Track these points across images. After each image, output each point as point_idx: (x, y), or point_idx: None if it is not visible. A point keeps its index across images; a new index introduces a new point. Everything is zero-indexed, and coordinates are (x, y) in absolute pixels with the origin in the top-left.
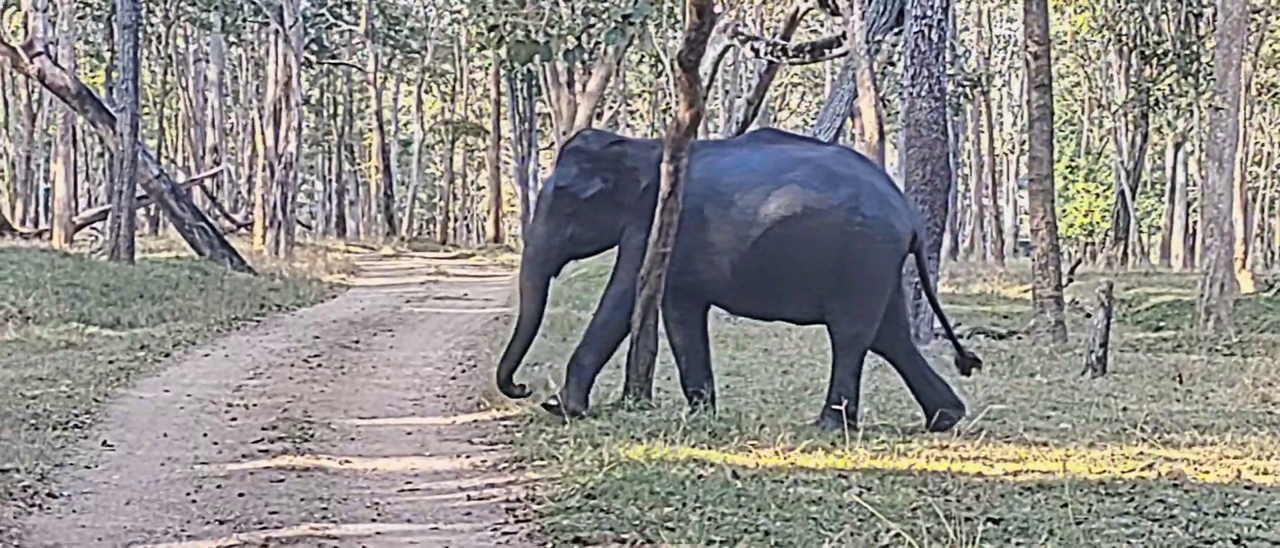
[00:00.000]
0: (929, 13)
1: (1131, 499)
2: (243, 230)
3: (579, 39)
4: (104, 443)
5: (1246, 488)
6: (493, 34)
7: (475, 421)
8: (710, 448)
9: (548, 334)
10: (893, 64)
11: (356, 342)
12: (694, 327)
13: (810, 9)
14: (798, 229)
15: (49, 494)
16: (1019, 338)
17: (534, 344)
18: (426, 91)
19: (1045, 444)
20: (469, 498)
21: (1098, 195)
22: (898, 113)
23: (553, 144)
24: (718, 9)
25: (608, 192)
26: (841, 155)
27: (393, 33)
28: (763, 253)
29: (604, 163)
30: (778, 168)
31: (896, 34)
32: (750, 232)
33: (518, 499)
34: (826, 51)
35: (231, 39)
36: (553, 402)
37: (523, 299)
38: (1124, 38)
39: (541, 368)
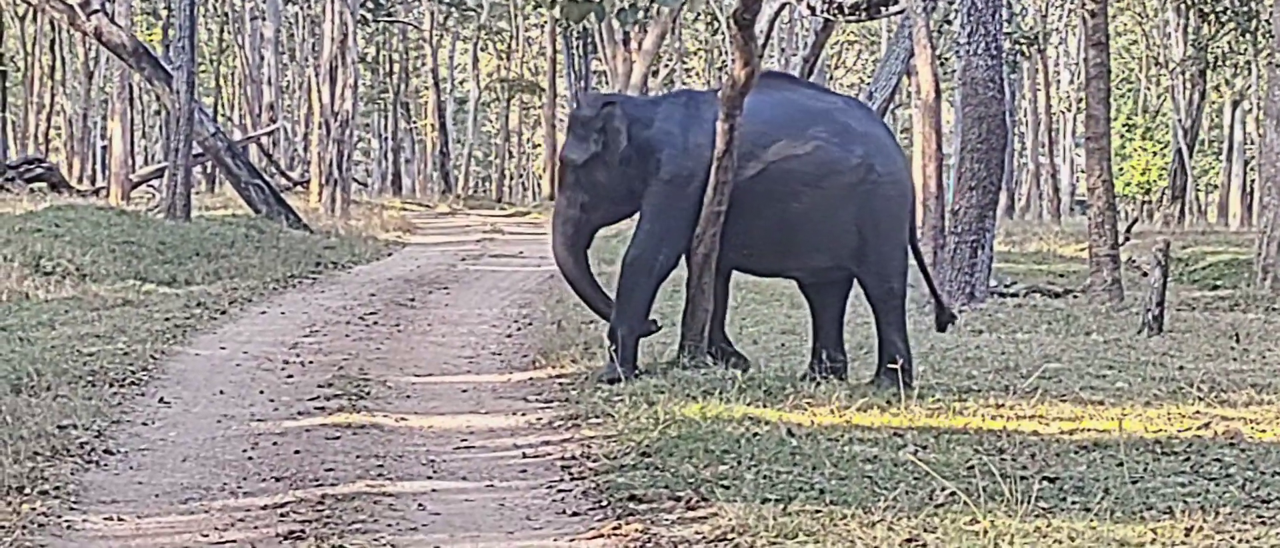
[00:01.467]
0: None
1: (1187, 458)
2: (299, 188)
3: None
4: (161, 400)
5: None
6: None
7: (531, 378)
8: (765, 406)
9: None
10: (949, 22)
11: (412, 299)
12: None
13: None
14: (819, 187)
15: (106, 451)
16: (1075, 297)
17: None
18: (482, 49)
19: (1101, 403)
20: (524, 456)
21: (1155, 154)
22: (954, 71)
23: None
24: None
25: (599, 155)
26: (850, 107)
27: None
28: (782, 211)
29: (594, 126)
30: (793, 121)
31: None
32: (769, 188)
33: (573, 457)
34: (882, 9)
35: None
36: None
37: (566, 274)
38: None
39: (592, 326)
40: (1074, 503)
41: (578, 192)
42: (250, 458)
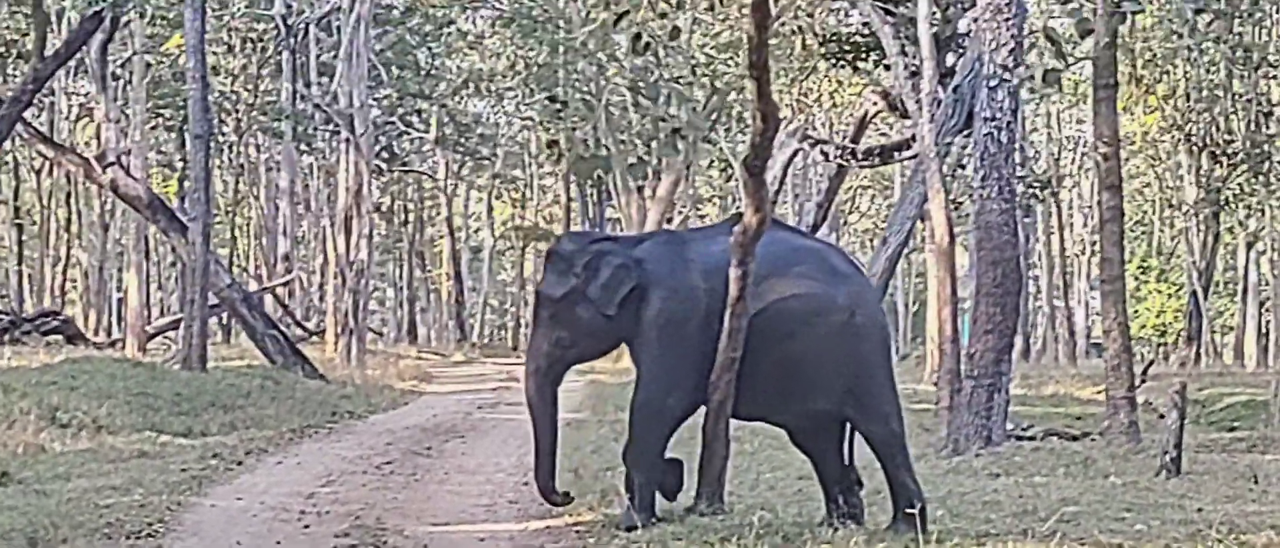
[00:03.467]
0: (999, 114)
1: None
2: (315, 338)
3: (639, 154)
4: None
5: None
6: (553, 149)
7: (548, 526)
8: None
9: (618, 439)
10: (962, 166)
11: (428, 448)
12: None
13: (879, 112)
14: (811, 326)
15: None
16: (1093, 439)
17: (607, 449)
18: (496, 198)
19: (1120, 546)
20: None
21: (1170, 296)
22: (968, 215)
23: None
24: (786, 114)
25: (578, 289)
26: (830, 250)
27: (462, 140)
28: (780, 352)
29: (575, 262)
30: (783, 260)
31: (966, 136)
32: (765, 328)
33: None
34: (896, 154)
35: (302, 148)
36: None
37: (531, 409)
38: (1194, 138)
39: (609, 474)
40: None
41: (555, 328)
42: None
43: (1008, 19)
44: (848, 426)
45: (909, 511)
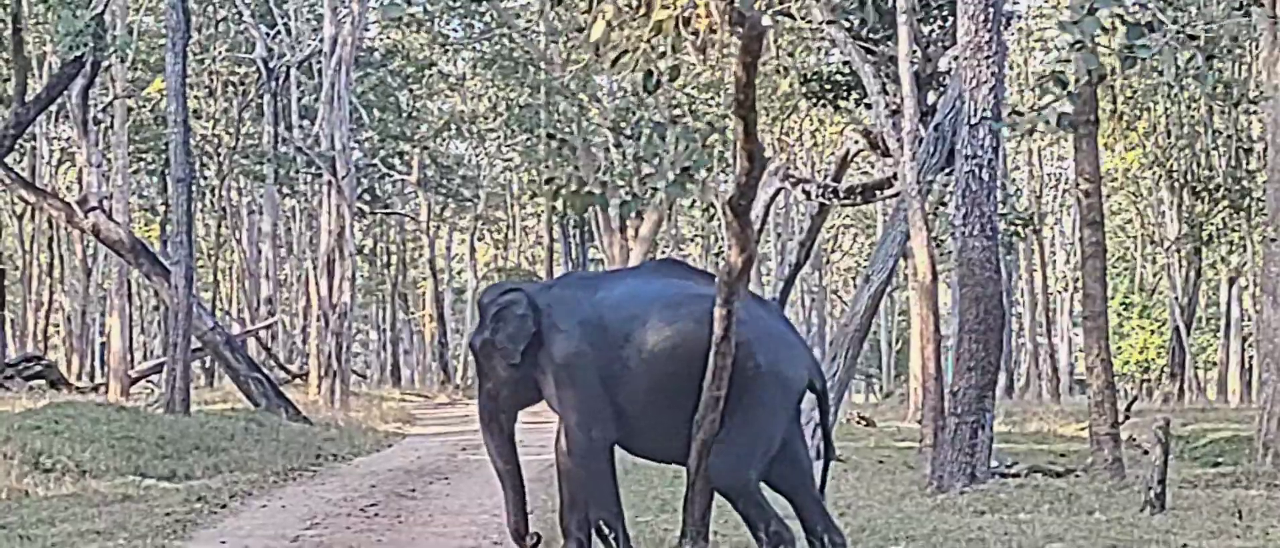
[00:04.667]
0: (980, 152)
1: None
2: (298, 381)
3: (633, 189)
4: None
5: None
6: (548, 186)
7: None
8: None
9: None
10: (944, 204)
11: (413, 490)
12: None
13: (861, 151)
14: (696, 369)
15: None
16: (1076, 476)
17: None
18: (479, 239)
19: None
20: None
21: (1153, 332)
22: (950, 252)
23: None
24: (768, 153)
25: (490, 340)
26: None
27: (445, 182)
28: (661, 394)
29: (488, 311)
30: (678, 303)
31: (947, 174)
32: (648, 370)
33: None
34: (878, 192)
35: (284, 190)
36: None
37: (489, 457)
38: (1175, 174)
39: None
40: None
41: (485, 378)
42: None
43: (988, 57)
44: (818, 460)
45: None
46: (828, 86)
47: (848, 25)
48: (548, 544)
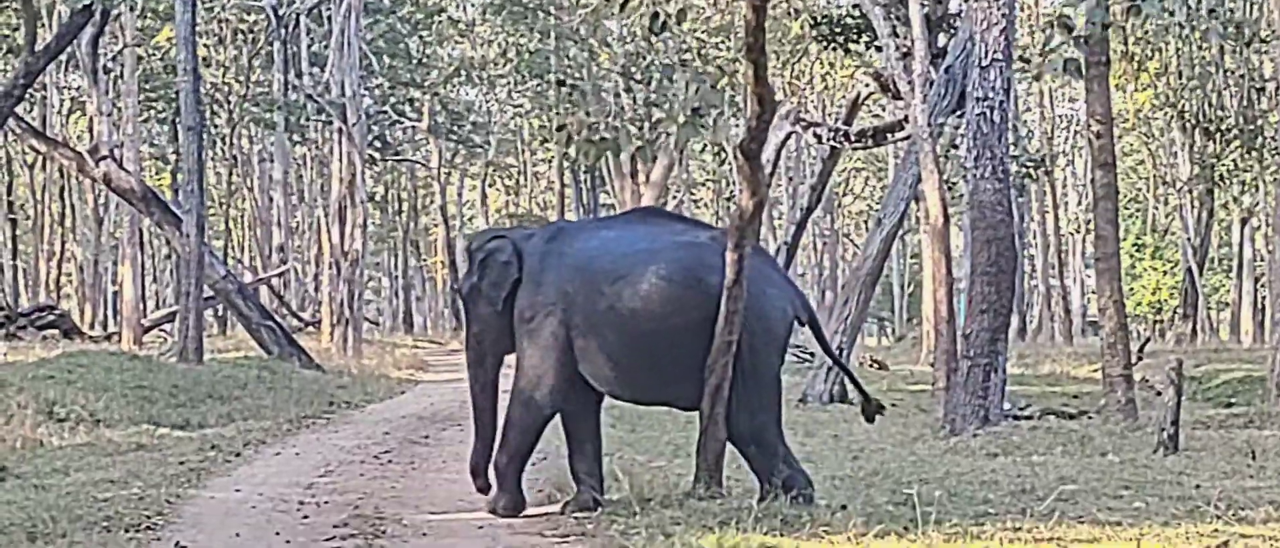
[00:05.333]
0: (991, 94)
1: None
2: (310, 328)
3: (644, 133)
4: (177, 545)
5: None
6: (561, 133)
7: (546, 512)
8: (782, 535)
9: (616, 425)
10: (955, 146)
11: (426, 437)
12: (586, 416)
13: (872, 94)
14: (670, 323)
15: None
16: (1089, 418)
17: (605, 435)
18: (490, 185)
19: (1119, 524)
20: None
21: (1165, 273)
22: (962, 195)
23: None
24: (779, 97)
25: (476, 285)
26: (723, 238)
27: (456, 128)
28: (638, 345)
29: (475, 258)
30: (648, 257)
31: (959, 116)
32: (622, 322)
33: None
34: (889, 136)
35: (295, 138)
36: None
37: (470, 396)
38: (1187, 115)
39: (608, 459)
40: None
41: (471, 322)
42: None
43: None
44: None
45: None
46: (838, 29)
47: None
48: (561, 488)
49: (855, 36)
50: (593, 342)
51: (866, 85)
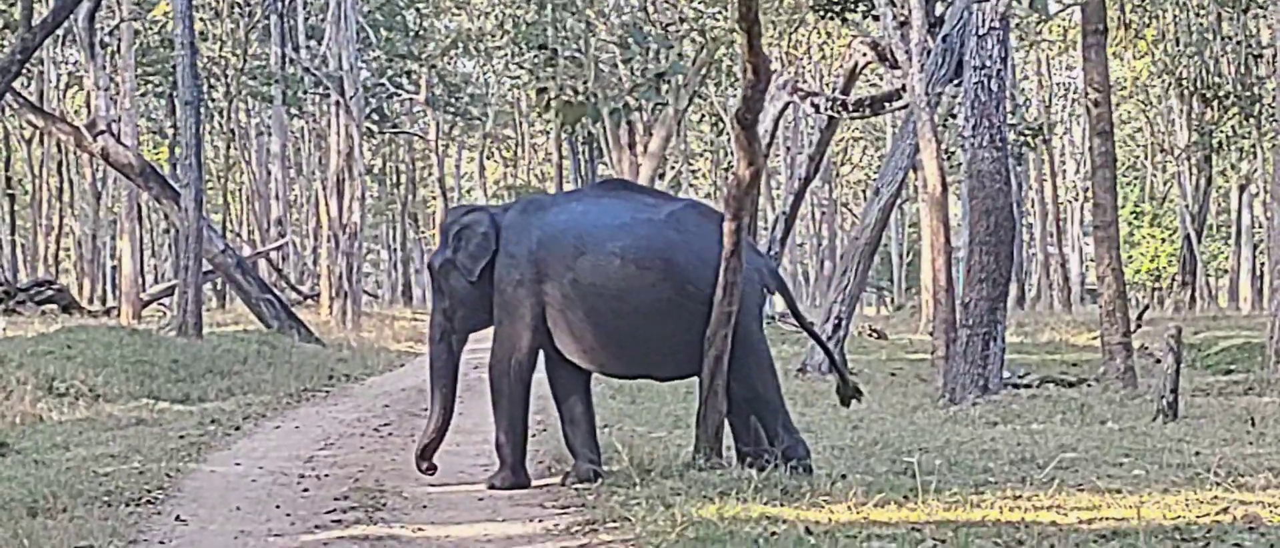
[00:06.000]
0: (988, 63)
1: (1207, 545)
2: (309, 302)
3: (625, 99)
4: (177, 518)
5: None
6: (541, 97)
7: (546, 484)
8: (782, 505)
9: (616, 396)
10: (953, 115)
11: (425, 409)
12: (574, 388)
13: (869, 63)
14: (631, 302)
15: None
16: (1089, 386)
17: (605, 407)
18: (488, 157)
19: (1118, 492)
20: None
21: (1163, 240)
22: (960, 164)
23: None
24: (776, 66)
25: (450, 259)
26: (683, 212)
27: (453, 100)
28: (602, 322)
29: (449, 231)
30: (607, 235)
31: (956, 85)
32: (586, 299)
33: None
34: (887, 105)
35: (293, 111)
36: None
37: (430, 374)
38: (1184, 82)
39: (608, 430)
40: None
41: (440, 297)
42: None
43: None
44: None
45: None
46: None
47: None
48: (560, 460)
49: (852, 5)
50: (563, 317)
51: (864, 55)
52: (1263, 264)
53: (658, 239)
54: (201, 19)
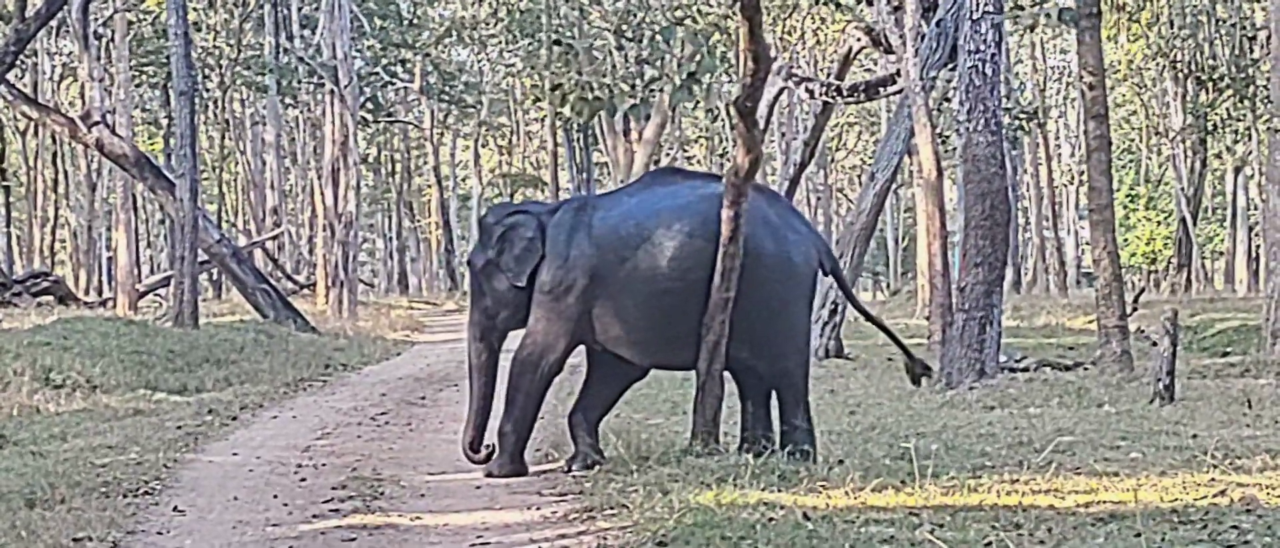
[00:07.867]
0: (983, 47)
1: (1205, 526)
2: (305, 291)
3: (639, 92)
4: (175, 509)
5: None
6: (555, 93)
7: (544, 472)
8: (780, 491)
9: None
10: (948, 100)
11: (422, 398)
12: (613, 385)
13: (864, 48)
14: (692, 277)
15: None
16: (1085, 369)
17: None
18: (483, 145)
19: (1116, 474)
20: None
21: (1159, 223)
22: (955, 148)
23: None
24: (772, 53)
25: (494, 261)
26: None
27: (448, 89)
28: (657, 304)
29: (494, 232)
30: (670, 216)
31: (951, 70)
32: (645, 282)
33: None
34: (881, 90)
35: (287, 101)
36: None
37: (468, 370)
38: (1179, 64)
39: (605, 418)
40: None
41: (482, 297)
42: None
43: None
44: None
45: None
46: None
47: None
48: (558, 447)
49: None
50: (611, 306)
51: (858, 40)
52: (1258, 246)
53: (718, 214)
54: (195, 9)
